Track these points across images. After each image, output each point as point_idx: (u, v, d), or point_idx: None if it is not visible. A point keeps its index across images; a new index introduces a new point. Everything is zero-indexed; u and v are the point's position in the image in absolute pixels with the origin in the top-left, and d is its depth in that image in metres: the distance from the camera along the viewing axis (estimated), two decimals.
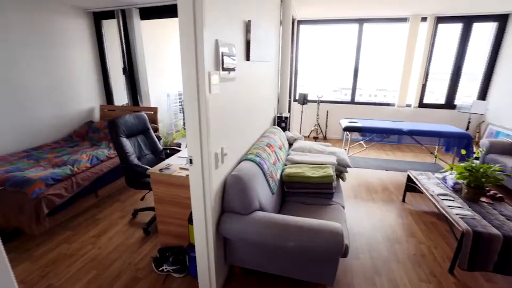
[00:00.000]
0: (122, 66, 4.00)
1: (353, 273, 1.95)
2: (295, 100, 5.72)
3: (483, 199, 2.25)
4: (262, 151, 2.12)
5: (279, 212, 2.07)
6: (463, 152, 3.17)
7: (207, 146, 1.37)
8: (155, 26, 4.56)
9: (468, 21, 4.79)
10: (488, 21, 4.72)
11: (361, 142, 4.93)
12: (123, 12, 3.72)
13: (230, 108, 1.70)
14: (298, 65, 5.62)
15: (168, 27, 4.97)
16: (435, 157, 4.39)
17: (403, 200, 3.01)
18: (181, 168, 1.99)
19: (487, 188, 2.30)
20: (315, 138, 5.56)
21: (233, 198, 1.61)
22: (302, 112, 5.59)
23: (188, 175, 1.59)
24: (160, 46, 4.82)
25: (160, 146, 2.85)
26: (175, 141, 4.67)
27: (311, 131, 5.68)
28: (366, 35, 5.21)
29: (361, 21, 5.11)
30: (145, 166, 2.31)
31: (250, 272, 1.93)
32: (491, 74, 4.91)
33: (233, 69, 1.67)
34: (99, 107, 4.07)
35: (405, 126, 3.89)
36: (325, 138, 5.72)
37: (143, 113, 2.76)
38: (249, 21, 1.96)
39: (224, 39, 1.52)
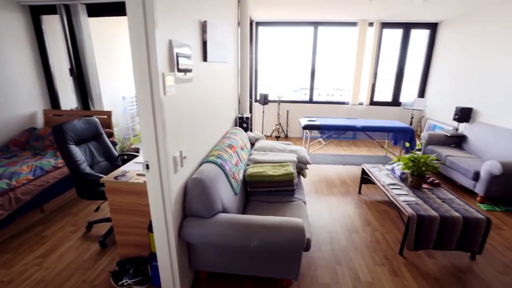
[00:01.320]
0: (69, 67, 3.66)
1: (316, 265, 2.04)
2: (256, 101, 5.80)
3: (424, 185, 2.52)
4: (224, 152, 2.11)
5: (243, 212, 2.09)
6: (407, 144, 3.52)
7: (164, 149, 1.32)
8: (107, 24, 4.27)
9: (406, 27, 5.33)
10: (422, 28, 5.31)
11: (320, 139, 5.19)
12: (67, 7, 3.41)
13: (188, 109, 1.66)
14: (258, 66, 5.70)
15: (123, 25, 4.68)
16: (385, 150, 4.80)
17: (359, 192, 3.24)
18: (138, 174, 1.89)
19: (427, 176, 2.58)
20: (277, 137, 5.70)
21: (194, 202, 1.58)
22: (263, 112, 5.69)
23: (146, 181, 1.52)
24: (114, 45, 4.51)
25: (116, 152, 2.67)
26: (133, 146, 4.42)
27: (273, 130, 5.81)
28: (321, 38, 5.49)
29: (315, 24, 5.37)
30: (98, 174, 2.14)
31: (216, 275, 1.91)
32: (427, 74, 5.52)
33: (189, 70, 1.64)
34: (42, 112, 3.67)
35: (359, 123, 4.19)
36: (286, 137, 5.89)
37: (95, 118, 2.56)
38: (205, 22, 1.94)
39: (179, 39, 1.48)
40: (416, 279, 1.93)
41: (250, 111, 5.20)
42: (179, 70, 1.48)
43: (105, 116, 3.61)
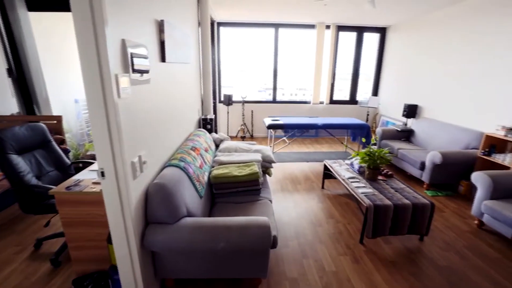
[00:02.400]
0: (7, 67, 3.27)
1: (284, 261, 2.09)
2: (220, 102, 5.75)
3: (380, 177, 2.72)
4: (187, 155, 2.06)
5: (210, 215, 2.06)
6: (364, 140, 3.77)
7: (121, 155, 1.25)
8: (55, 20, 3.88)
9: (360, 31, 5.71)
10: (373, 32, 5.73)
11: (284, 138, 5.33)
12: (1, 0, 3.04)
13: (147, 112, 1.59)
14: (221, 67, 5.66)
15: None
16: (345, 146, 5.09)
17: (322, 187, 3.39)
18: (94, 183, 1.76)
19: (382, 168, 2.80)
20: (243, 138, 5.72)
21: (157, 208, 1.52)
22: (228, 113, 5.66)
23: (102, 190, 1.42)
24: (64, 44, 4.11)
25: (68, 160, 2.46)
26: (89, 153, 4.10)
27: (238, 131, 5.82)
28: (282, 39, 5.63)
29: (276, 25, 5.49)
30: (46, 185, 1.96)
31: (184, 282, 1.86)
32: (379, 74, 5.97)
33: (146, 71, 1.57)
34: None
35: (320, 121, 4.38)
36: (252, 137, 5.94)
37: (41, 123, 2.33)
38: (162, 21, 1.87)
39: (133, 39, 1.41)
40: (375, 264, 2.08)
41: (215, 112, 5.14)
42: (135, 71, 1.41)
43: (55, 121, 3.30)
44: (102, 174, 1.26)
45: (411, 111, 4.59)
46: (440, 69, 4.13)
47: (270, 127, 4.18)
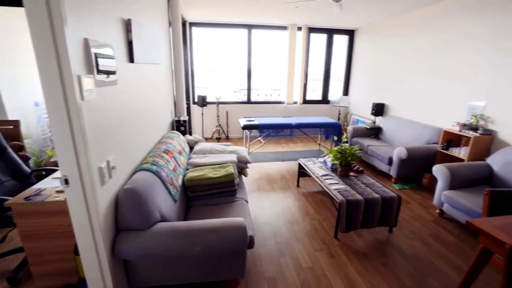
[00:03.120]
0: None
1: (262, 260, 2.11)
2: (194, 103, 5.66)
3: (351, 173, 2.84)
4: (159, 158, 2.00)
5: (185, 219, 2.02)
6: (335, 138, 3.91)
7: (87, 161, 1.18)
8: (9, 16, 3.56)
9: (330, 32, 5.91)
10: (342, 34, 5.96)
11: (260, 138, 5.36)
12: None
13: (115, 114, 1.52)
14: (194, 67, 5.56)
15: None
16: (319, 145, 5.24)
17: (298, 185, 3.46)
18: (58, 191, 1.65)
19: (353, 165, 2.92)
20: (218, 139, 5.67)
21: (128, 214, 1.45)
22: (202, 114, 5.58)
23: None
24: (22, 43, 3.77)
25: (27, 168, 2.28)
26: (52, 160, 3.82)
27: (213, 132, 5.76)
28: (255, 40, 5.66)
29: (249, 26, 5.51)
30: (1, 197, 1.79)
31: None
32: (349, 75, 6.22)
33: (113, 72, 1.50)
34: None
35: (294, 120, 4.47)
36: (227, 138, 5.91)
37: None
38: (129, 20, 1.80)
39: (98, 38, 1.34)
40: (349, 257, 2.17)
41: (188, 114, 5.04)
42: (100, 72, 1.34)
43: (11, 126, 3.04)
44: (66, 181, 1.19)
45: (379, 109, 4.84)
46: (405, 70, 4.40)
47: (245, 127, 4.18)
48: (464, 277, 1.59)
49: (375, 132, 4.62)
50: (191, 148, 3.13)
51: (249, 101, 6.00)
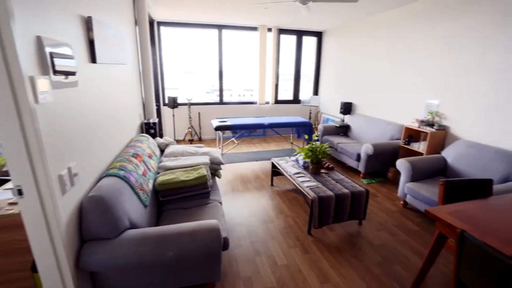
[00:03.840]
0: None
1: (237, 261, 2.11)
2: (165, 104, 5.49)
3: (322, 170, 2.94)
4: (128, 162, 1.91)
5: (157, 224, 1.95)
6: (306, 136, 4.02)
7: (43, 168, 1.10)
8: None
9: (299, 34, 6.06)
10: (311, 35, 6.14)
11: (233, 139, 5.35)
12: None
13: (76, 118, 1.43)
14: (164, 68, 5.39)
15: None
16: (291, 144, 5.35)
17: (272, 184, 3.51)
18: (11, 203, 1.51)
19: (324, 162, 3.02)
20: (191, 141, 5.56)
21: (94, 223, 1.37)
22: (173, 116, 5.44)
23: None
24: None
25: None
26: (5, 169, 3.48)
27: (186, 134, 5.64)
28: (227, 40, 5.63)
29: (219, 27, 5.47)
30: None
31: None
32: (319, 75, 6.43)
33: (72, 73, 1.41)
34: None
35: (266, 120, 4.52)
36: (200, 140, 5.81)
37: None
38: (90, 18, 1.70)
39: (53, 36, 1.25)
40: (322, 252, 2.24)
41: (159, 116, 4.89)
42: (57, 73, 1.25)
43: None
44: (19, 192, 1.09)
45: (347, 108, 5.05)
46: (370, 70, 4.65)
47: (218, 128, 4.15)
48: (424, 260, 1.72)
49: (344, 130, 4.82)
50: (162, 151, 3.04)
51: (221, 102, 5.95)
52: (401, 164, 2.92)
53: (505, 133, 2.67)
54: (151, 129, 3.31)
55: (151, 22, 4.73)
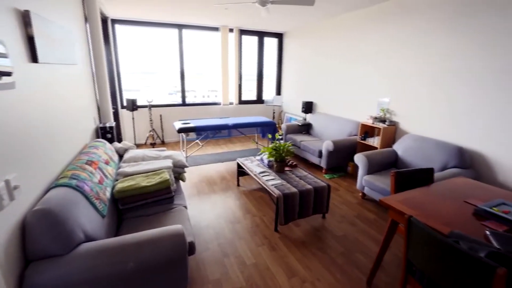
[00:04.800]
0: None
1: (205, 264, 2.07)
2: (123, 107, 5.19)
3: (286, 168, 3.02)
4: (81, 170, 1.77)
5: (117, 234, 1.84)
6: (269, 136, 4.10)
7: None
8: None
9: (260, 35, 6.14)
10: (272, 37, 6.27)
11: (197, 141, 5.24)
12: None
13: (15, 123, 1.28)
14: (120, 69, 5.08)
15: None
16: (254, 143, 5.41)
17: (238, 185, 3.51)
18: None
19: (288, 160, 3.11)
20: (153, 144, 5.33)
21: (40, 240, 1.25)
22: (133, 119, 5.16)
23: None
24: None
25: None
26: None
27: (147, 137, 5.39)
28: (189, 40, 5.49)
29: (180, 26, 5.31)
30: None
31: None
32: (281, 75, 6.59)
33: (7, 73, 1.27)
34: None
35: (230, 121, 4.51)
36: (163, 143, 5.60)
37: None
38: (27, 12, 1.54)
39: None
40: (289, 247, 2.30)
41: (116, 120, 4.61)
42: None
43: None
44: None
45: (308, 107, 5.25)
46: (328, 70, 4.88)
47: (181, 130, 4.04)
48: (380, 246, 1.86)
49: (306, 128, 5.01)
50: (121, 156, 2.87)
51: (184, 103, 5.80)
52: (359, 159, 3.12)
53: (443, 127, 3.00)
54: (108, 133, 3.11)
55: (104, 20, 4.44)
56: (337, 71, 4.60)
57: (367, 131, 3.77)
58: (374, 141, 3.59)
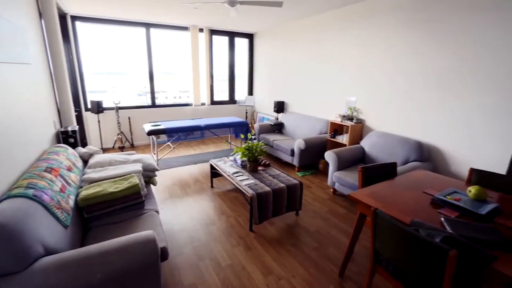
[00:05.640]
0: None
1: (180, 269, 2.03)
2: (87, 110, 4.89)
3: (260, 168, 3.04)
4: (39, 179, 1.65)
5: (83, 245, 1.73)
6: (242, 136, 4.11)
7: None
8: None
9: (231, 35, 6.12)
10: (243, 37, 6.28)
11: (169, 143, 5.10)
12: None
13: None
14: (83, 69, 4.77)
15: None
16: (229, 144, 5.39)
17: (212, 186, 3.48)
18: None
19: (261, 159, 3.13)
20: (122, 148, 5.09)
21: None
22: (99, 122, 4.89)
23: None
24: None
25: None
26: None
27: (115, 141, 5.13)
28: (157, 40, 5.31)
29: (147, 25, 5.12)
30: None
31: None
32: (252, 75, 6.62)
33: None
34: None
35: (203, 122, 4.45)
36: (132, 146, 5.37)
37: None
38: None
39: None
40: (264, 246, 2.33)
41: (80, 123, 4.33)
42: None
43: None
44: None
45: (280, 107, 5.34)
46: (299, 70, 5.00)
47: (151, 133, 3.90)
48: (350, 239, 1.95)
49: (278, 128, 5.09)
50: (86, 162, 2.70)
51: (154, 105, 5.60)
52: (329, 156, 3.24)
53: (404, 124, 3.22)
54: (70, 138, 2.92)
55: (63, 16, 4.16)
56: (308, 71, 4.73)
57: (336, 129, 3.93)
58: (343, 139, 3.75)
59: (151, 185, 2.59)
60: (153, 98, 5.55)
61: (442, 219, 1.44)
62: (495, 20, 2.38)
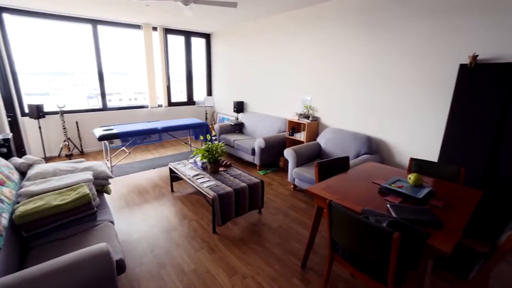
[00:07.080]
0: None
1: (140, 281, 1.93)
2: (25, 115, 4.36)
3: (221, 168, 3.03)
4: None
5: (21, 268, 1.55)
6: (201, 137, 4.04)
7: None
8: None
9: (187, 35, 5.97)
10: (200, 37, 6.16)
11: (123, 148, 4.79)
12: None
13: None
14: (15, 68, 4.23)
15: None
16: (189, 146, 5.26)
17: (172, 190, 3.36)
18: None
19: (221, 160, 3.12)
20: (69, 156, 4.63)
21: None
22: (40, 127, 4.39)
23: None
24: None
25: None
26: None
27: (61, 148, 4.65)
28: (107, 38, 4.93)
29: (94, 22, 4.73)
30: None
31: None
32: (211, 75, 6.54)
33: None
34: None
35: (160, 124, 4.27)
36: (82, 153, 4.93)
37: None
38: None
39: None
40: (228, 247, 2.32)
41: (16, 130, 3.85)
42: None
43: None
44: None
45: (239, 107, 5.36)
46: (256, 70, 5.06)
47: (102, 138, 3.62)
48: (310, 231, 2.05)
49: (239, 128, 5.10)
50: (24, 174, 2.41)
51: (105, 108, 5.20)
52: (288, 153, 3.35)
53: (354, 120, 3.47)
54: (3, 147, 2.58)
55: None
56: (265, 71, 4.82)
57: (294, 127, 4.08)
58: (301, 136, 3.91)
59: (105, 194, 2.41)
60: (104, 100, 5.15)
61: (388, 205, 1.59)
62: (426, 28, 2.69)
